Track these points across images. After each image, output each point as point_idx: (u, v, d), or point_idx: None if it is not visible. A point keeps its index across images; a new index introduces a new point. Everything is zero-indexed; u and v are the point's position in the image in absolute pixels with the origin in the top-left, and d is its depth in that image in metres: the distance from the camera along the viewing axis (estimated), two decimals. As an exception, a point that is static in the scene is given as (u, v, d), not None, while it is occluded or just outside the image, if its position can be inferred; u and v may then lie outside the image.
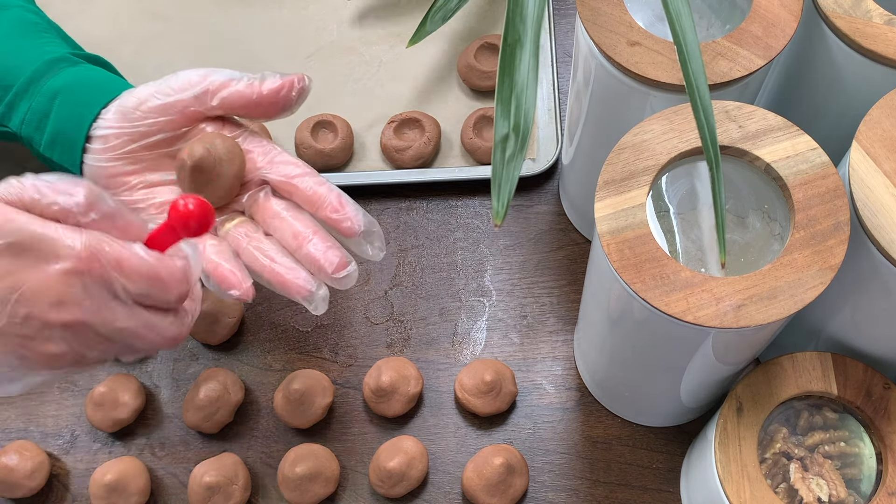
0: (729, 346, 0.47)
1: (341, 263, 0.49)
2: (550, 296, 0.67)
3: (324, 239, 0.49)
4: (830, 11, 0.49)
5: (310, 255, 0.49)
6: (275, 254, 0.50)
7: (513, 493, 0.59)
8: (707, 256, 0.46)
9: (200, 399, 0.61)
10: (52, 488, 0.62)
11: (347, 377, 0.65)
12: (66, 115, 0.52)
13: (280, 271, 0.49)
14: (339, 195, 0.50)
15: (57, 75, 0.53)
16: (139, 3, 0.79)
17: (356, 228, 0.49)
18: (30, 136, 0.53)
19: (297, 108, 0.52)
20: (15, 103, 0.54)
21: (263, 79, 0.51)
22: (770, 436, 0.51)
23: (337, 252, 0.49)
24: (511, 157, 0.43)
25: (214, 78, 0.51)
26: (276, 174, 0.51)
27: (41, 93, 0.53)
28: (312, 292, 0.49)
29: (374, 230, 0.50)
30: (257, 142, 0.52)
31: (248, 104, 0.50)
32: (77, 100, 0.52)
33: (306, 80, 0.51)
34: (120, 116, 0.50)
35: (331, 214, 0.49)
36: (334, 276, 0.49)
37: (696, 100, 0.43)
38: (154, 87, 0.51)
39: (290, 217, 0.50)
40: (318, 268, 0.49)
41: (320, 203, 0.50)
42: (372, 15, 0.77)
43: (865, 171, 0.45)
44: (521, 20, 0.45)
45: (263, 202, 0.51)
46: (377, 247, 0.50)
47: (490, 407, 0.61)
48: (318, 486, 0.59)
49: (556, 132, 0.70)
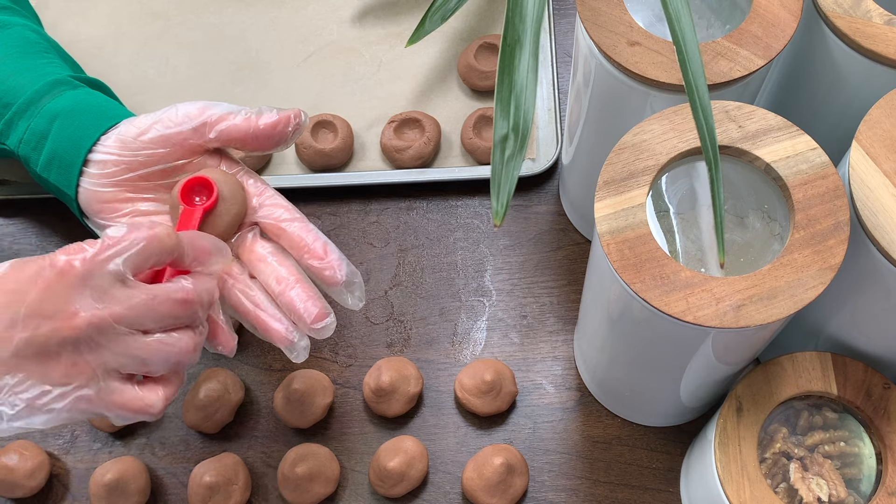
0: (729, 346, 0.47)
1: (320, 314, 0.50)
2: (550, 296, 0.67)
3: (305, 288, 0.50)
4: (830, 11, 0.49)
5: (291, 302, 0.50)
6: (259, 299, 0.51)
7: (513, 493, 0.59)
8: (707, 256, 0.46)
9: (200, 399, 0.61)
10: (52, 488, 0.62)
11: (347, 377, 0.65)
12: (64, 137, 0.52)
13: (264, 318, 0.50)
14: (325, 243, 0.51)
15: (57, 97, 0.54)
16: (139, 3, 0.79)
17: (338, 278, 0.50)
18: (27, 155, 0.54)
19: (292, 143, 0.53)
20: (14, 122, 0.54)
21: (260, 113, 0.51)
22: (770, 436, 0.51)
23: (317, 302, 0.50)
24: (511, 157, 0.43)
25: (213, 111, 0.51)
26: (265, 216, 0.52)
27: (41, 114, 0.53)
28: (294, 342, 0.50)
29: (355, 280, 0.51)
30: (251, 181, 0.53)
31: (244, 138, 0.51)
32: (76, 123, 0.52)
33: (302, 116, 0.52)
34: (120, 144, 0.51)
35: (314, 262, 0.51)
36: (312, 326, 0.50)
37: (695, 100, 0.43)
38: (154, 118, 0.51)
39: (274, 262, 0.51)
40: (297, 316, 0.50)
41: (306, 249, 0.51)
42: (372, 15, 0.77)
43: (865, 171, 0.45)
44: (521, 20, 0.45)
45: (251, 244, 0.52)
46: (357, 296, 0.52)
47: (490, 407, 0.61)
48: (318, 486, 0.59)
49: (556, 132, 0.70)
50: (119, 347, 0.42)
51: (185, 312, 0.45)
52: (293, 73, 0.75)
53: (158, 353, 0.44)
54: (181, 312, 0.44)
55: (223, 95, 0.74)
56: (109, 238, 0.43)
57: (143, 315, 0.43)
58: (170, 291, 0.44)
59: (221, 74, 0.75)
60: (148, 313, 0.43)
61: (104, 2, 0.79)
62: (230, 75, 0.75)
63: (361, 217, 0.70)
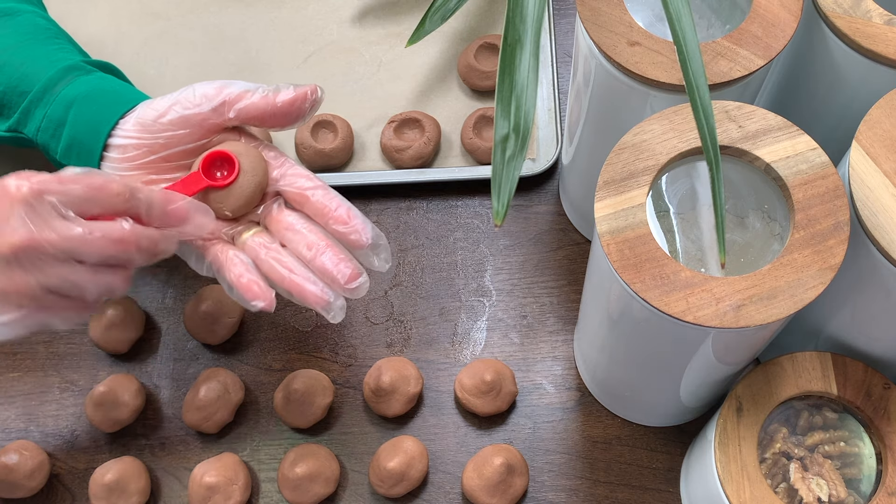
0: (729, 346, 0.47)
1: (353, 275, 0.51)
2: (550, 296, 0.67)
3: (336, 251, 0.51)
4: (830, 11, 0.49)
5: (323, 266, 0.51)
6: (293, 265, 0.52)
7: (513, 493, 0.59)
8: (707, 256, 0.46)
9: (200, 399, 0.61)
10: (52, 488, 0.62)
11: (347, 377, 0.65)
12: (82, 124, 0.53)
13: (299, 282, 0.51)
14: (349, 208, 0.52)
15: (72, 83, 0.54)
16: (139, 3, 0.79)
17: (363, 241, 0.51)
18: (46, 143, 0.55)
19: (309, 118, 0.53)
20: (30, 110, 0.55)
21: (278, 90, 0.52)
22: (770, 436, 0.51)
23: (349, 264, 0.51)
24: (511, 157, 0.43)
25: (230, 90, 0.52)
26: (289, 186, 0.53)
27: (56, 101, 0.54)
28: (330, 302, 0.51)
29: (380, 243, 0.52)
30: (272, 154, 0.54)
31: (263, 115, 0.52)
32: (93, 109, 0.53)
33: (319, 92, 0.53)
34: (139, 128, 0.52)
35: (339, 227, 0.52)
36: (346, 286, 0.51)
37: (695, 100, 0.43)
38: (172, 100, 0.52)
39: (303, 229, 0.52)
40: (331, 279, 0.51)
41: (330, 215, 0.52)
42: (372, 15, 0.77)
43: (865, 171, 0.45)
44: (522, 20, 0.45)
45: (277, 214, 0.53)
46: (383, 258, 0.53)
47: (490, 407, 0.61)
48: (318, 486, 0.59)
49: (556, 132, 0.70)
50: (54, 270, 0.45)
51: (118, 251, 0.47)
52: (293, 74, 0.75)
53: (90, 282, 0.47)
54: (115, 251, 0.46)
55: (223, 95, 0.74)
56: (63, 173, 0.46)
57: (77, 247, 0.45)
58: (106, 230, 0.46)
59: (221, 74, 0.75)
60: (82, 246, 0.45)
61: (104, 2, 0.79)
62: (230, 75, 0.75)
63: (361, 217, 0.70)
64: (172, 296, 0.68)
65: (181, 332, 0.66)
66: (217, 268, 0.52)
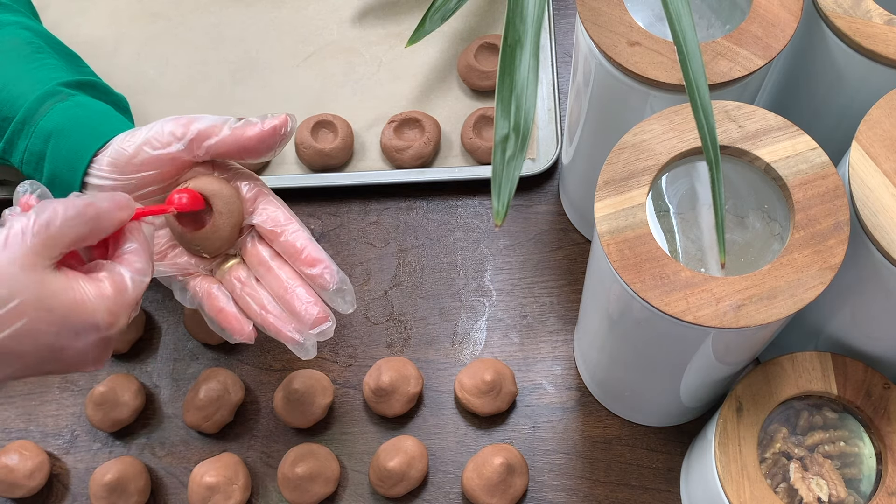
0: (729, 346, 0.47)
1: (319, 318, 0.52)
2: (550, 296, 0.67)
3: (304, 292, 0.52)
4: (830, 11, 0.49)
5: (293, 306, 0.52)
6: (266, 302, 0.53)
7: (513, 493, 0.59)
8: (707, 256, 0.46)
9: (200, 399, 0.61)
10: (52, 488, 0.62)
11: (347, 377, 0.65)
12: (59, 159, 0.53)
13: (272, 321, 0.53)
14: (317, 249, 0.53)
15: (49, 113, 0.54)
16: (139, 3, 0.79)
17: (328, 285, 0.52)
18: (30, 174, 0.55)
19: (281, 150, 0.54)
20: (13, 141, 0.55)
21: (247, 123, 0.52)
22: (770, 436, 0.51)
23: (316, 307, 0.52)
24: (511, 157, 0.43)
25: (197, 125, 0.51)
26: (262, 222, 0.53)
27: (35, 133, 0.54)
28: (301, 343, 0.52)
29: (345, 287, 0.53)
30: (246, 184, 0.54)
31: (233, 150, 0.52)
32: (68, 144, 0.53)
33: (289, 123, 0.52)
34: (113, 169, 0.52)
35: (306, 269, 0.52)
36: (310, 331, 0.52)
37: (695, 100, 0.43)
38: (141, 139, 0.51)
39: (275, 266, 0.53)
40: (299, 319, 0.52)
41: (297, 257, 0.52)
42: (372, 15, 0.77)
43: (865, 171, 0.45)
44: (522, 20, 0.45)
45: (252, 248, 0.54)
46: (348, 301, 0.53)
47: (490, 407, 0.61)
48: (318, 486, 0.59)
49: (556, 132, 0.70)
50: None
51: None
52: (293, 73, 0.75)
53: None
54: None
55: (223, 95, 0.74)
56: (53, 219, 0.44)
57: None
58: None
59: (221, 74, 0.75)
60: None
61: (104, 2, 0.79)
62: (230, 75, 0.75)
63: (361, 217, 0.70)
64: (172, 296, 0.68)
65: (181, 332, 0.66)
66: (198, 301, 0.54)
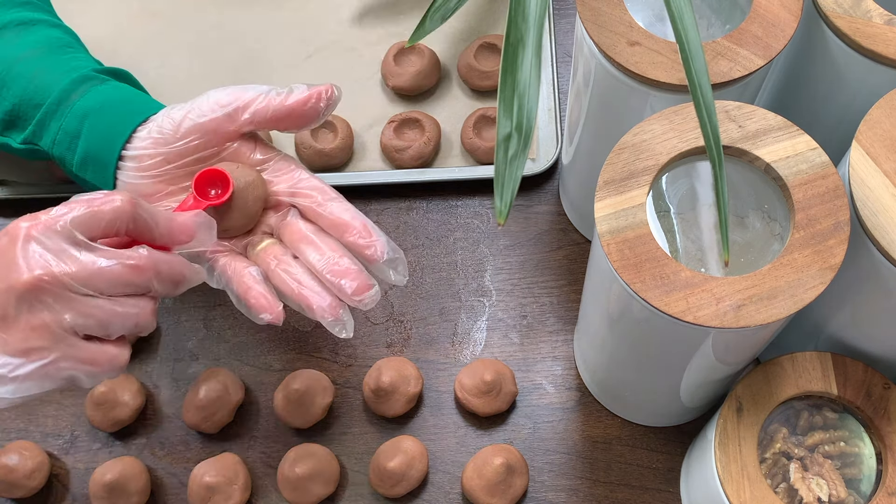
0: (729, 346, 0.47)
1: (362, 287, 0.50)
2: (550, 296, 0.67)
3: (348, 263, 0.51)
4: (830, 11, 0.49)
5: (333, 278, 0.50)
6: (302, 277, 0.51)
7: (513, 493, 0.59)
8: (707, 256, 0.46)
9: (200, 399, 0.61)
10: (52, 488, 0.62)
11: (347, 377, 0.65)
12: (97, 136, 0.53)
13: (307, 295, 0.50)
14: (365, 221, 0.52)
15: (86, 95, 0.54)
16: (139, 3, 0.79)
17: (379, 255, 0.51)
18: (61, 155, 0.54)
19: (325, 118, 0.53)
20: (45, 123, 0.55)
21: (291, 91, 0.51)
22: (770, 436, 0.51)
23: (358, 276, 0.50)
24: (514, 156, 0.43)
25: (244, 96, 0.51)
26: (302, 199, 0.52)
27: (71, 113, 0.54)
28: (338, 318, 0.50)
29: (397, 257, 0.51)
30: (286, 166, 0.53)
31: (277, 117, 0.51)
32: (107, 121, 0.53)
33: (334, 91, 0.52)
34: (154, 138, 0.51)
35: (356, 240, 0.51)
36: (355, 298, 0.50)
37: (698, 98, 0.43)
38: (186, 109, 0.52)
39: (316, 240, 0.52)
40: (340, 290, 0.50)
41: (345, 228, 0.51)
42: (372, 15, 0.77)
43: (865, 171, 0.45)
44: (524, 19, 0.45)
45: (291, 224, 0.53)
46: (400, 272, 0.52)
47: (490, 407, 0.61)
48: (318, 486, 0.59)
49: (556, 132, 0.70)
50: (74, 307, 0.43)
51: (138, 279, 0.45)
52: (293, 73, 0.75)
53: (115, 315, 0.44)
54: (134, 279, 0.45)
55: (223, 95, 0.74)
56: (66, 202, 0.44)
57: (94, 276, 0.43)
58: (123, 256, 0.44)
59: (221, 74, 0.75)
60: (100, 274, 0.43)
61: (104, 2, 0.79)
62: (230, 75, 0.75)
63: (361, 217, 0.70)
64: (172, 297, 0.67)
65: (181, 332, 0.66)
66: (226, 280, 0.52)
